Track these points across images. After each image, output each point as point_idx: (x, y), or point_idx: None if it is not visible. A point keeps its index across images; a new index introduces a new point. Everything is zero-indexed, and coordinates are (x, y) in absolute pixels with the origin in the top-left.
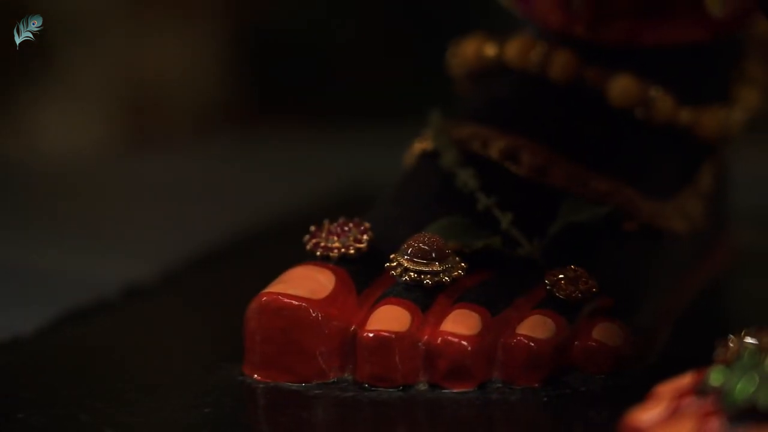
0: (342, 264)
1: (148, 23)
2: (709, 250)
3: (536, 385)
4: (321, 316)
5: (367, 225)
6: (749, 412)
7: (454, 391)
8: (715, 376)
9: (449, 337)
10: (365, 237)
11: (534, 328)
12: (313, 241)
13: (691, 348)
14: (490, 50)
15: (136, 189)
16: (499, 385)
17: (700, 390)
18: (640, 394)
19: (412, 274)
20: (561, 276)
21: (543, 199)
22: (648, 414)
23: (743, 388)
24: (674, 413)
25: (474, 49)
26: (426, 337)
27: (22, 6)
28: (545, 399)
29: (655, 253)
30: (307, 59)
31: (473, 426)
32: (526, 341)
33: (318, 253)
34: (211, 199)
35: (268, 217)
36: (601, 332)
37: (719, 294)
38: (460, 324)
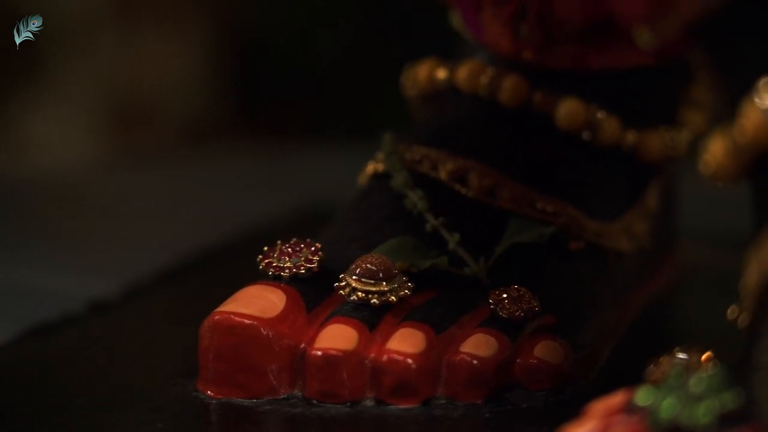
0: (293, 283)
1: (133, 34)
2: (656, 268)
3: (479, 401)
4: (271, 334)
5: (319, 245)
6: (673, 431)
7: (400, 407)
8: (642, 395)
9: (394, 355)
10: (316, 257)
11: (477, 346)
12: (266, 261)
13: (632, 365)
14: (442, 74)
15: (111, 203)
16: (443, 401)
17: (629, 408)
18: (579, 411)
19: (360, 293)
20: (504, 296)
21: (490, 219)
22: (579, 429)
23: (668, 407)
24: (604, 431)
25: (426, 73)
26: (372, 354)
27: (11, 18)
28: (487, 415)
29: (599, 272)
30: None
31: None
32: (469, 359)
33: (270, 273)
34: (184, 214)
35: (237, 232)
36: (543, 350)
37: (664, 311)
38: (405, 342)
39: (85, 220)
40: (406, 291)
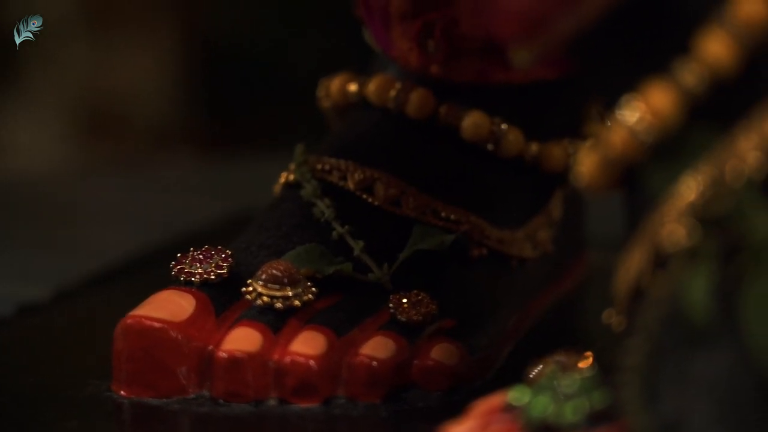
0: (203, 288)
1: (105, 42)
2: (561, 274)
3: (377, 401)
4: (180, 336)
5: (229, 252)
6: (544, 429)
7: (301, 406)
8: (514, 395)
9: (296, 357)
10: (226, 264)
11: (376, 348)
12: (178, 267)
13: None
14: (353, 87)
15: (66, 208)
16: (343, 401)
17: (506, 408)
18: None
19: (265, 298)
20: (404, 300)
21: (395, 227)
22: (459, 429)
23: (539, 406)
24: (482, 429)
25: (339, 86)
26: (276, 356)
27: None
28: (385, 414)
29: (501, 277)
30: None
31: None
32: (368, 360)
33: (182, 278)
34: (132, 220)
35: (171, 238)
36: (439, 352)
37: (567, 315)
38: (307, 344)
39: (35, 224)
40: (310, 296)
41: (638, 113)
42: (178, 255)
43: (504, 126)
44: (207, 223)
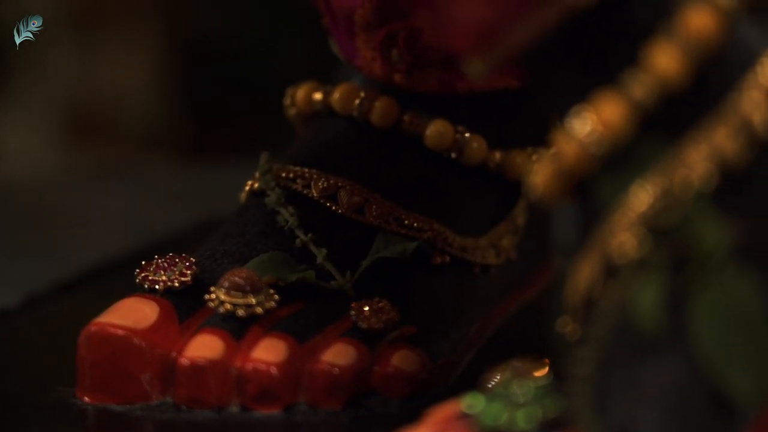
0: (167, 296)
1: (91, 45)
2: (526, 280)
3: (338, 407)
4: (144, 344)
5: (193, 260)
6: None
7: (263, 413)
8: (468, 402)
9: (258, 364)
10: (190, 271)
11: (337, 355)
12: (142, 274)
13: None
14: (318, 96)
15: (40, 213)
16: (304, 407)
17: (461, 415)
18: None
19: (227, 305)
20: (366, 308)
21: (359, 235)
22: None
23: (490, 413)
24: None
25: (304, 94)
26: (238, 363)
27: None
28: (346, 421)
29: (464, 284)
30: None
31: None
32: (328, 367)
33: (146, 286)
34: (109, 225)
35: (141, 244)
36: (400, 359)
37: (531, 321)
38: (268, 351)
39: (11, 229)
40: (273, 303)
41: (589, 125)
42: (143, 263)
43: (467, 134)
44: (178, 229)
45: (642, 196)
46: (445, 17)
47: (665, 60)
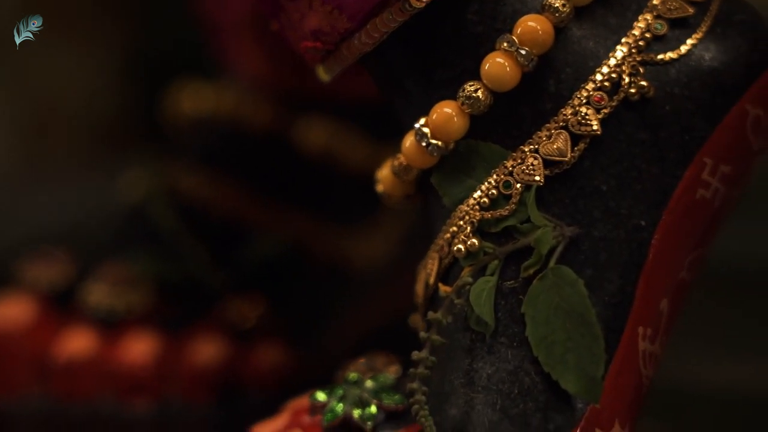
0: (44, 291)
1: (47, 44)
2: (400, 278)
3: (211, 400)
4: (20, 339)
5: (73, 257)
6: (342, 427)
7: (135, 406)
8: (317, 395)
9: (130, 357)
10: (70, 268)
11: (208, 349)
12: (23, 270)
13: None
14: (202, 99)
15: None
16: (176, 401)
17: (312, 408)
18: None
19: (103, 300)
20: (238, 303)
21: (235, 235)
22: (269, 426)
23: (338, 405)
24: (288, 428)
25: (188, 98)
26: (111, 357)
27: None
28: (215, 415)
29: (338, 282)
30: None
31: None
32: (200, 362)
33: (24, 281)
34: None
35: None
36: (270, 353)
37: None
38: (141, 345)
39: None
40: (147, 298)
41: (428, 128)
42: (24, 259)
43: (349, 138)
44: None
45: (479, 197)
46: (289, 28)
47: (498, 68)
